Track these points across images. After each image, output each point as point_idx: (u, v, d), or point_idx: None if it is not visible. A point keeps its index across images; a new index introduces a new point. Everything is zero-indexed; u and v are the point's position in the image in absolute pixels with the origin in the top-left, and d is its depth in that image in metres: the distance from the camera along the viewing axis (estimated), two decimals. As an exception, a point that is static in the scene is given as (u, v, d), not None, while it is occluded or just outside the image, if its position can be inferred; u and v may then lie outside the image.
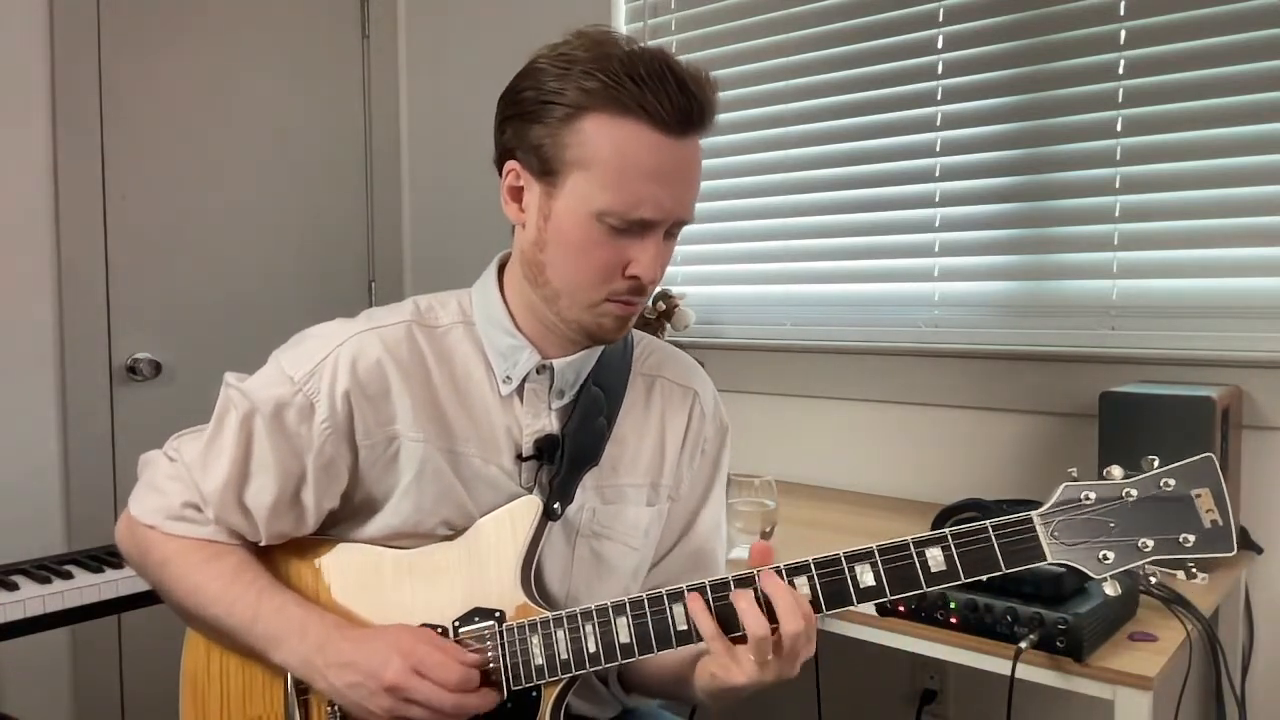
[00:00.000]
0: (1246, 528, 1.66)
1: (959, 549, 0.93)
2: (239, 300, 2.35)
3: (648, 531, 1.17)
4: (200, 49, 2.35)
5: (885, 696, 2.10)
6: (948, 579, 0.93)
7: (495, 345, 1.11)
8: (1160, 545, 0.90)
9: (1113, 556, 0.91)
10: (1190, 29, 1.73)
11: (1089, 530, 0.92)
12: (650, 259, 1.01)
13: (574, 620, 1.02)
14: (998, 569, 0.93)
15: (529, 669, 1.03)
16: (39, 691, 2.05)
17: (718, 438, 1.24)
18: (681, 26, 2.41)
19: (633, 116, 0.97)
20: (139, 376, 2.23)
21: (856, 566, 0.95)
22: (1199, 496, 0.91)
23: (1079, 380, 1.81)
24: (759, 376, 2.26)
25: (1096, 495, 0.93)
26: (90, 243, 2.16)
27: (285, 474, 1.09)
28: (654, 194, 0.99)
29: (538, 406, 1.11)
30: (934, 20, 2.02)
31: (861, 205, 2.14)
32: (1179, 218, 1.77)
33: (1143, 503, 0.92)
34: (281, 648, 1.05)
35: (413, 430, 1.08)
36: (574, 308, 1.05)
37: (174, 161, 2.31)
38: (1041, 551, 0.92)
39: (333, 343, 1.08)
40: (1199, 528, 0.90)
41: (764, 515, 1.60)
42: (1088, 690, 1.21)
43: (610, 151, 0.98)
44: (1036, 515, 0.93)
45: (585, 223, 1.00)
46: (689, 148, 1.01)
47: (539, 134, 1.01)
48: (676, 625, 0.98)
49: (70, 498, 2.12)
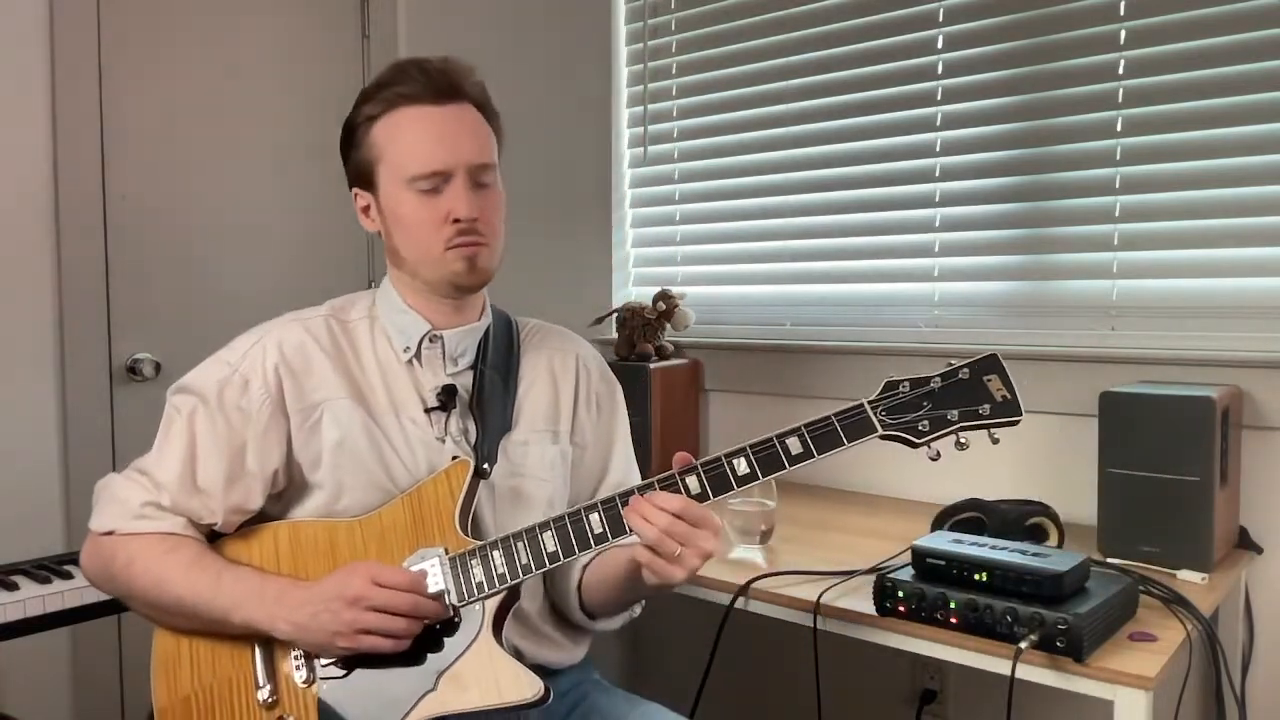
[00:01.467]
0: (1246, 528, 1.67)
1: (810, 434, 1.16)
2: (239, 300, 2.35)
3: (553, 465, 1.36)
4: (200, 49, 2.35)
5: (885, 696, 2.10)
6: (805, 458, 1.15)
7: (395, 324, 1.32)
8: (964, 415, 1.16)
9: (928, 425, 1.16)
10: (1190, 29, 1.74)
11: (907, 409, 1.16)
12: (462, 201, 1.22)
13: (507, 541, 1.18)
14: (841, 444, 1.15)
15: (470, 586, 1.17)
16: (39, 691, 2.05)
17: (609, 393, 1.45)
18: (681, 26, 2.41)
19: (399, 106, 1.24)
20: (139, 376, 2.22)
21: (734, 460, 1.16)
22: (990, 381, 1.17)
23: (1079, 380, 1.81)
24: (759, 376, 2.26)
25: (911, 385, 1.17)
26: (90, 243, 2.16)
27: (231, 448, 1.24)
28: (437, 149, 1.23)
29: (435, 368, 1.31)
30: (934, 20, 2.02)
31: (861, 205, 2.15)
32: (1179, 218, 1.77)
33: (947, 388, 1.17)
34: (243, 609, 1.17)
35: (336, 393, 1.27)
36: (428, 268, 1.26)
37: (174, 161, 2.30)
38: (873, 425, 1.16)
39: (261, 332, 1.30)
40: (992, 401, 1.16)
41: (764, 515, 1.60)
42: (1088, 690, 1.21)
43: (391, 137, 1.25)
44: (866, 400, 1.16)
45: (402, 197, 1.24)
46: (454, 111, 1.25)
47: (355, 157, 1.30)
48: (593, 530, 1.16)
49: (70, 498, 2.11)
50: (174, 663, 1.24)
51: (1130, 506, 1.54)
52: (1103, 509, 1.57)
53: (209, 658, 1.22)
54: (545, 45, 2.55)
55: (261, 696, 1.18)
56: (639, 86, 2.50)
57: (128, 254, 2.22)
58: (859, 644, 1.40)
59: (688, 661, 1.72)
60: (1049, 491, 1.73)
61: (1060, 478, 1.83)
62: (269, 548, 1.24)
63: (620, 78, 2.53)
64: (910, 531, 1.56)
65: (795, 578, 1.50)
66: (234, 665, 1.21)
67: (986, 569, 1.28)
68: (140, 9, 2.24)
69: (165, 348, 2.26)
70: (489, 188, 1.27)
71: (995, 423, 1.16)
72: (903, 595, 1.33)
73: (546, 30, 2.56)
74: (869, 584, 1.39)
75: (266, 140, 2.48)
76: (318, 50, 2.58)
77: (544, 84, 2.54)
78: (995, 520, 1.56)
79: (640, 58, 2.49)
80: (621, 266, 2.55)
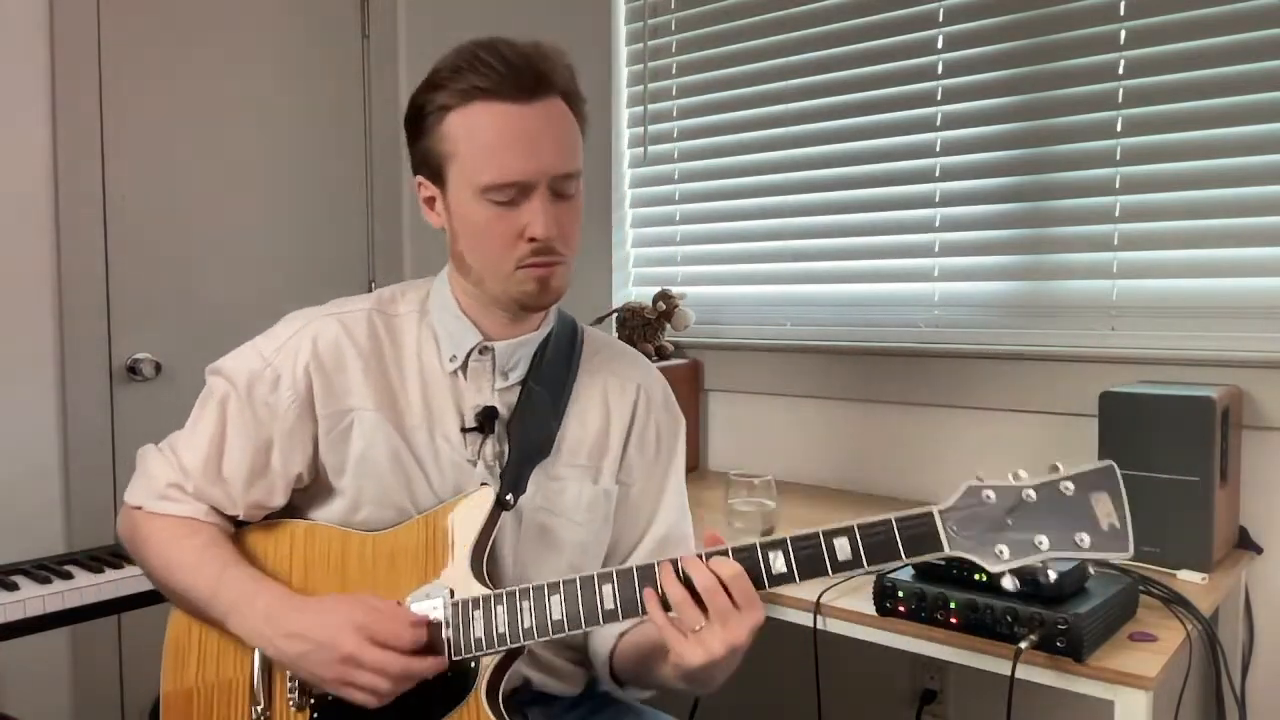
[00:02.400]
0: (1246, 528, 1.67)
1: (864, 538, 1.00)
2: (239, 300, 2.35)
3: (591, 507, 1.24)
4: (200, 49, 2.35)
5: (885, 696, 2.10)
6: (854, 566, 1.00)
7: (445, 328, 1.22)
8: (1056, 543, 0.95)
9: (1008, 551, 0.96)
10: (1190, 29, 1.73)
11: (986, 526, 0.96)
12: (540, 218, 1.10)
13: (513, 597, 1.09)
14: (898, 557, 0.99)
15: (469, 640, 1.09)
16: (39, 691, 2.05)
17: (670, 427, 1.31)
18: (681, 26, 2.41)
19: (478, 100, 1.10)
20: (139, 376, 2.23)
21: (770, 553, 1.02)
22: (1098, 500, 0.95)
23: (1079, 380, 1.81)
24: (759, 376, 2.26)
25: (997, 495, 0.97)
26: (90, 243, 2.16)
27: (256, 443, 1.20)
28: (517, 158, 1.09)
29: (480, 383, 1.21)
30: (934, 20, 2.02)
31: (861, 205, 2.14)
32: (1179, 218, 1.77)
33: (1042, 503, 0.96)
34: (235, 617, 1.13)
35: (365, 404, 1.19)
36: (495, 283, 1.15)
37: (174, 161, 2.31)
38: (940, 543, 0.97)
39: (300, 323, 1.23)
40: (1096, 529, 0.94)
41: (764, 515, 1.61)
42: (1088, 690, 1.21)
43: (469, 135, 1.10)
44: (936, 509, 0.98)
45: (474, 205, 1.11)
46: (540, 110, 1.10)
47: (423, 145, 1.15)
48: (604, 604, 1.05)
49: (70, 498, 2.11)
50: (184, 650, 1.22)
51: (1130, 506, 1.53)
52: (1103, 509, 1.57)
53: (215, 654, 1.20)
54: (545, 45, 2.55)
55: (256, 712, 1.15)
56: (639, 86, 2.50)
57: (128, 254, 2.22)
58: (859, 644, 1.40)
59: (688, 661, 1.71)
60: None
61: (1060, 478, 1.83)
62: (284, 547, 1.21)
63: (620, 78, 2.53)
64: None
65: (795, 578, 1.50)
66: (236, 669, 1.18)
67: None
68: (140, 9, 2.24)
69: (165, 348, 2.27)
70: (571, 198, 1.14)
71: (1095, 558, 0.96)
72: (903, 595, 1.33)
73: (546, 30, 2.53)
74: (869, 584, 1.39)
75: (266, 140, 2.48)
76: (318, 50, 2.58)
77: (544, 84, 2.54)
78: (995, 520, 1.56)
79: (640, 58, 2.49)
80: (621, 266, 2.55)
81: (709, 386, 2.37)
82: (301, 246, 2.54)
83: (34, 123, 2.07)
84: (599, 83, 2.53)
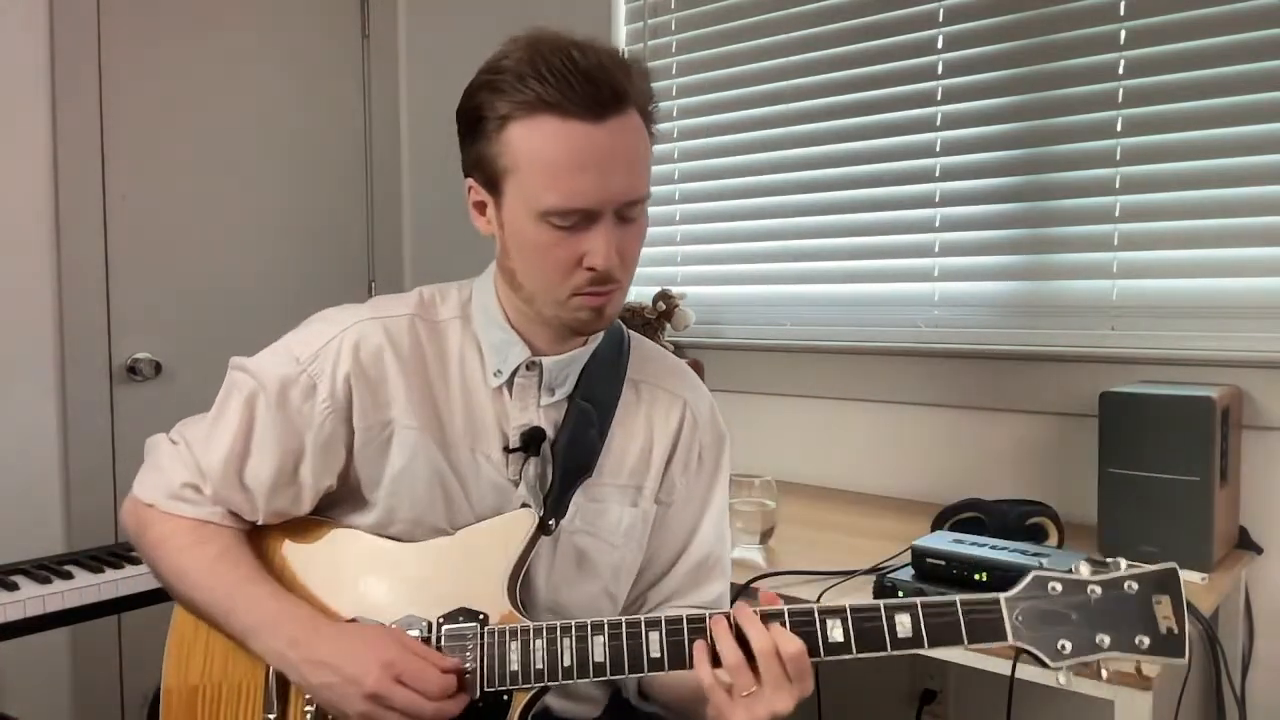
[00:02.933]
0: (1246, 528, 1.67)
1: (927, 618, 0.96)
2: (239, 300, 2.35)
3: (629, 531, 1.19)
4: (200, 49, 2.35)
5: (885, 696, 2.10)
6: (913, 645, 0.96)
7: (489, 339, 1.14)
8: (1116, 643, 0.94)
9: (1070, 647, 0.95)
10: (1190, 29, 1.73)
11: (1051, 619, 0.95)
12: (602, 247, 1.02)
13: (553, 633, 1.03)
14: (960, 642, 0.96)
15: (503, 673, 1.04)
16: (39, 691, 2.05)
17: (715, 446, 1.25)
18: (681, 26, 2.41)
19: (543, 114, 0.99)
20: (139, 376, 2.23)
21: (828, 621, 0.97)
22: (1159, 603, 0.95)
23: (1079, 380, 1.81)
24: (759, 376, 2.26)
25: (1063, 588, 0.96)
26: (90, 243, 2.16)
27: (285, 451, 1.12)
28: (584, 183, 1.00)
29: (526, 401, 1.14)
30: (934, 20, 2.02)
31: (861, 205, 2.14)
32: (1179, 218, 1.77)
33: (1105, 600, 0.95)
34: (257, 639, 1.07)
35: (407, 418, 1.12)
36: (548, 306, 1.08)
37: (174, 161, 2.31)
38: (1004, 632, 0.95)
39: (338, 327, 1.13)
40: (1155, 633, 0.94)
41: (764, 515, 1.60)
42: (1088, 690, 1.21)
43: (532, 152, 1.00)
44: (1004, 598, 0.96)
45: (532, 226, 1.03)
46: (613, 129, 1.00)
47: (480, 149, 1.05)
48: (650, 652, 1.00)
49: (70, 498, 2.12)
50: (189, 646, 1.16)
51: (1130, 506, 1.54)
52: (1103, 509, 1.57)
53: (223, 653, 1.14)
54: (545, 45, 2.54)
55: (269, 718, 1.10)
56: (639, 86, 2.50)
57: (128, 254, 2.22)
58: (859, 644, 1.40)
59: (688, 661, 1.71)
60: (1049, 491, 1.73)
61: (1060, 478, 1.83)
62: (311, 546, 1.15)
63: (620, 78, 2.53)
64: (910, 531, 1.56)
65: (795, 578, 1.50)
66: (247, 674, 1.13)
67: (986, 569, 1.28)
68: (140, 9, 2.24)
69: (165, 348, 2.27)
70: (635, 222, 1.06)
71: (1151, 660, 0.95)
72: (902, 595, 1.33)
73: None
74: (869, 584, 1.39)
75: (267, 140, 2.48)
76: (318, 50, 2.58)
77: (544, 84, 2.54)
78: (995, 520, 1.56)
79: (640, 58, 2.49)
80: (621, 266, 2.54)
81: (709, 386, 2.35)
82: (301, 246, 2.54)
83: (34, 123, 2.07)
84: (599, 83, 2.52)
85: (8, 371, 2.04)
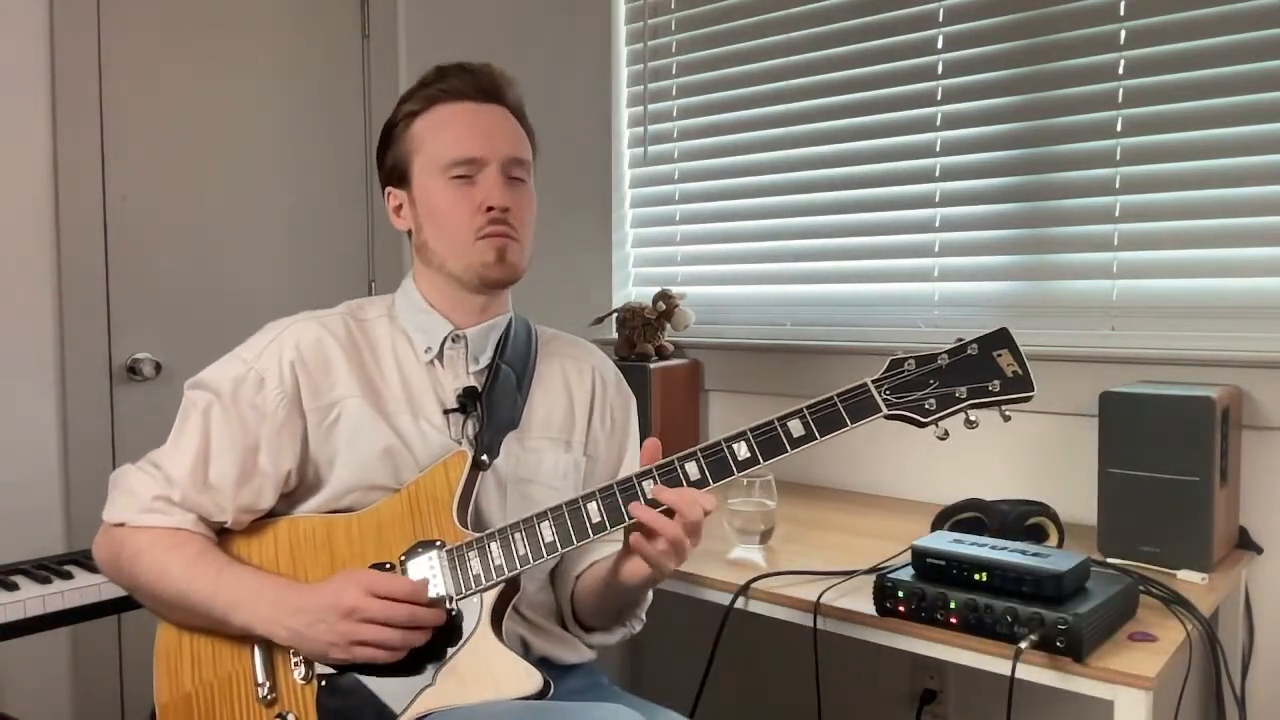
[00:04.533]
0: (1246, 528, 1.67)
1: (813, 415, 1.14)
2: (239, 300, 2.35)
3: (566, 474, 1.36)
4: (200, 49, 2.35)
5: (885, 696, 2.10)
6: (807, 440, 1.14)
7: (415, 323, 1.32)
8: (973, 392, 1.12)
9: (935, 404, 1.13)
10: (1190, 29, 1.74)
11: (913, 387, 1.14)
12: (495, 189, 1.25)
13: (505, 533, 1.17)
14: (844, 424, 1.14)
15: (468, 579, 1.17)
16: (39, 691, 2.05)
17: (624, 408, 1.45)
18: (681, 26, 2.41)
19: (440, 102, 1.28)
20: (139, 376, 2.22)
21: (734, 444, 1.15)
22: (1000, 356, 1.13)
23: (1079, 380, 1.81)
24: (759, 376, 2.26)
25: (917, 363, 1.14)
26: (90, 243, 2.16)
27: (244, 447, 1.23)
28: (474, 138, 1.26)
29: (457, 368, 1.31)
30: (934, 20, 2.02)
31: (861, 205, 2.15)
32: (1179, 218, 1.77)
33: (955, 365, 1.14)
34: (241, 610, 1.17)
35: (350, 394, 1.26)
36: (458, 258, 1.27)
37: (174, 161, 2.30)
38: (877, 405, 1.14)
39: (279, 329, 1.29)
40: (1003, 377, 1.12)
41: (764, 515, 1.60)
42: (1088, 690, 1.21)
43: (434, 128, 1.28)
44: (870, 380, 1.15)
45: (439, 186, 1.26)
46: (495, 110, 1.29)
47: (392, 155, 1.31)
48: (591, 519, 1.16)
49: (70, 498, 2.11)
50: (175, 658, 1.24)
51: (1130, 506, 1.54)
52: (1103, 509, 1.57)
53: (210, 654, 1.22)
54: (545, 45, 2.55)
55: (261, 693, 1.18)
56: (639, 86, 2.50)
57: (128, 254, 2.22)
58: (859, 644, 1.40)
59: (688, 662, 1.72)
60: (1049, 491, 1.73)
61: (1060, 478, 1.83)
62: (269, 545, 1.24)
63: (620, 78, 2.53)
64: (910, 531, 1.56)
65: (795, 578, 1.50)
66: (234, 662, 1.21)
67: (986, 569, 1.28)
68: (140, 9, 2.24)
69: (165, 348, 2.26)
70: (523, 184, 1.30)
71: (1006, 399, 1.13)
72: (903, 595, 1.33)
73: (546, 30, 2.56)
74: (869, 584, 1.39)
75: (267, 140, 2.48)
76: (318, 50, 2.58)
77: (544, 84, 2.54)
78: (995, 520, 1.56)
79: (640, 58, 2.49)
80: (621, 266, 2.54)
81: (709, 386, 2.37)
82: (301, 246, 2.54)
83: (34, 123, 2.07)
84: (599, 83, 2.53)
85: (8, 371, 2.04)
